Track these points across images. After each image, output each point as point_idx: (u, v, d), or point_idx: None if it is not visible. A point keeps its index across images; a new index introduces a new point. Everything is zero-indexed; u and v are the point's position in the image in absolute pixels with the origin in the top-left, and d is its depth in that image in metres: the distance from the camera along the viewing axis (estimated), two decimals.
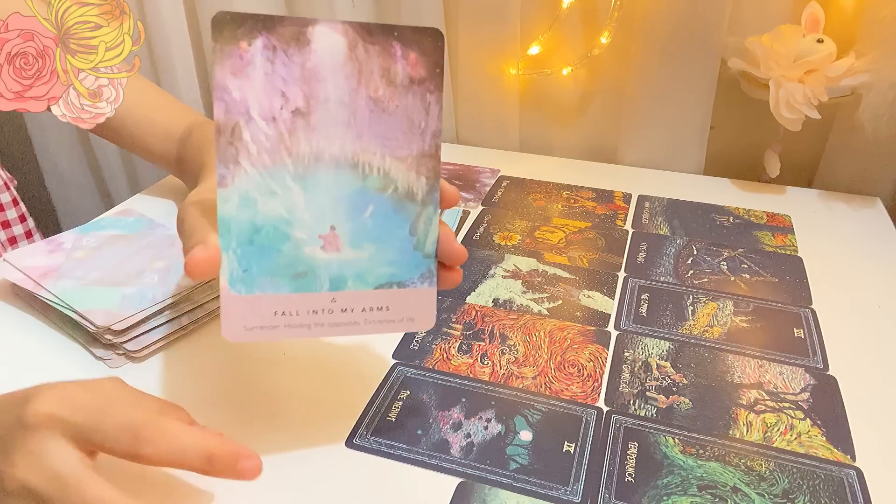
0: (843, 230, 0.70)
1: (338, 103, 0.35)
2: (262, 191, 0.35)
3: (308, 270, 0.36)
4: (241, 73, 0.33)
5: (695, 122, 0.79)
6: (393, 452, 0.42)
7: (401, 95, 0.36)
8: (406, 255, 0.38)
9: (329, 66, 0.35)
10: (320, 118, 0.35)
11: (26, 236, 0.79)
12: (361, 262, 0.37)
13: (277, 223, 0.35)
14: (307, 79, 0.34)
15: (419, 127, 0.37)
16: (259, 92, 0.34)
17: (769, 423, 0.45)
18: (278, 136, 0.35)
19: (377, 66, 0.35)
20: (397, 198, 0.37)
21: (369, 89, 0.35)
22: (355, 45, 0.35)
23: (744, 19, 0.74)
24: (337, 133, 0.35)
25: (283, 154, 0.35)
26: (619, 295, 0.58)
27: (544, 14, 0.81)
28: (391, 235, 0.37)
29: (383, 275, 0.38)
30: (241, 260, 0.35)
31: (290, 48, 0.34)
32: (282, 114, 0.34)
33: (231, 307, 0.35)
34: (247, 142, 0.34)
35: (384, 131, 0.36)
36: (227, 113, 0.34)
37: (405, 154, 0.37)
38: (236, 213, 0.35)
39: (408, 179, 0.37)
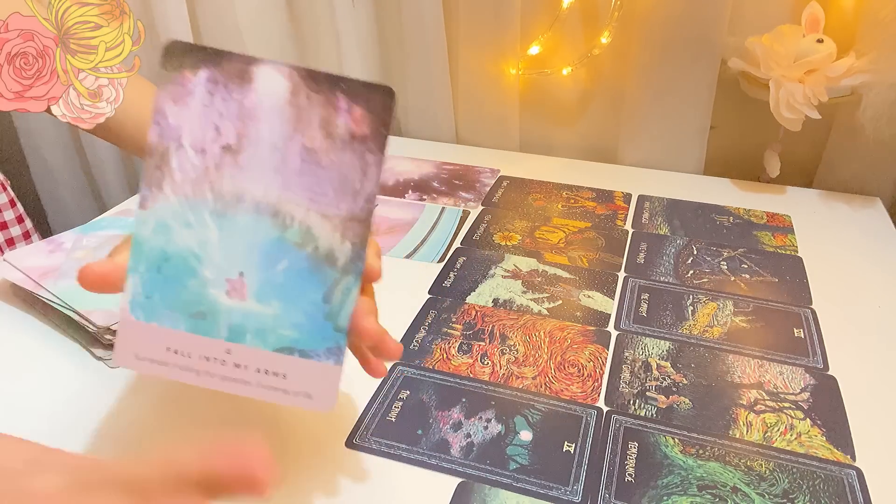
0: (843, 230, 0.69)
1: (270, 147, 0.34)
2: (179, 220, 0.34)
3: (209, 312, 0.35)
4: (180, 100, 0.33)
5: (695, 122, 0.79)
6: (393, 452, 0.42)
7: (338, 150, 0.34)
8: (315, 322, 0.35)
9: (267, 108, 0.34)
10: (249, 158, 0.34)
11: (24, 237, 0.79)
12: (265, 317, 0.35)
13: (187, 256, 0.34)
14: (243, 117, 0.34)
15: (353, 187, 0.35)
16: (194, 122, 0.34)
17: (769, 423, 0.45)
18: (204, 169, 0.34)
19: (317, 116, 0.34)
20: (316, 258, 0.35)
21: (304, 138, 0.34)
22: (298, 91, 0.34)
23: (744, 19, 0.74)
24: (263, 177, 0.34)
25: (206, 188, 0.34)
26: (619, 295, 0.58)
27: (544, 14, 0.81)
28: (302, 297, 0.35)
29: (286, 337, 0.35)
30: (146, 285, 0.34)
31: (231, 83, 0.34)
32: (212, 147, 0.34)
33: (127, 331, 0.34)
34: (174, 169, 0.34)
35: (314, 184, 0.34)
36: (160, 137, 0.33)
37: (333, 213, 0.35)
38: (150, 237, 0.34)
39: (331, 241, 0.35)
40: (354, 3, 0.84)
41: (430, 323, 0.54)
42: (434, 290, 0.59)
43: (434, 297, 0.58)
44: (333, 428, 0.44)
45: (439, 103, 0.87)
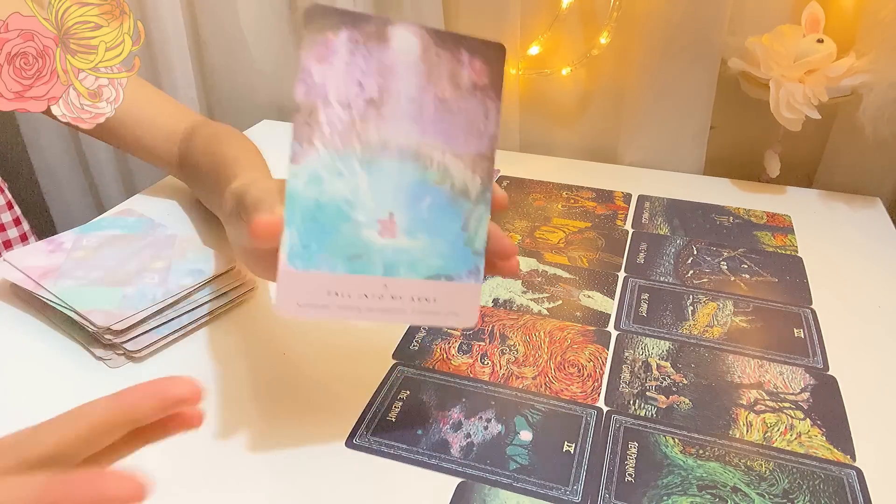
0: (843, 230, 0.69)
1: (408, 98, 0.37)
2: (330, 171, 0.36)
3: (364, 253, 0.37)
4: (324, 60, 0.35)
5: (695, 122, 0.79)
6: (393, 452, 0.42)
7: (464, 99, 0.38)
8: (457, 249, 0.39)
9: (403, 64, 0.37)
10: (391, 110, 0.37)
11: (21, 239, 0.79)
12: (415, 251, 0.38)
13: (340, 203, 0.37)
14: (383, 72, 0.37)
15: (478, 129, 0.39)
16: (339, 79, 0.36)
17: (769, 423, 0.45)
18: (351, 122, 0.36)
19: (446, 69, 0.38)
20: (453, 193, 0.39)
21: (437, 89, 0.38)
22: (428, 48, 0.37)
23: (744, 19, 0.74)
24: (404, 125, 0.37)
25: (354, 139, 0.36)
26: (619, 295, 0.58)
27: (544, 14, 0.81)
28: (445, 229, 0.39)
29: (434, 266, 0.39)
30: (302, 235, 0.36)
31: (370, 43, 0.36)
32: (357, 101, 0.36)
33: (287, 282, 0.36)
34: (322, 123, 0.36)
35: (447, 129, 0.38)
36: (307, 95, 0.35)
37: (464, 152, 0.39)
38: (303, 190, 0.36)
39: (464, 177, 0.39)
40: (355, 4, 0.85)
41: None
42: None
43: None
44: (333, 428, 0.44)
45: None
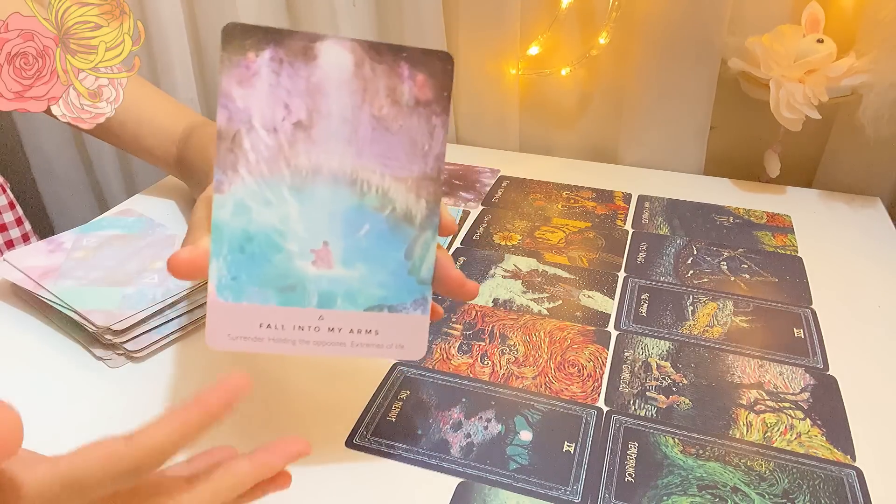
0: (843, 230, 0.69)
1: (340, 119, 0.35)
2: (258, 200, 0.35)
3: (297, 284, 0.36)
4: (246, 83, 0.34)
5: (695, 122, 0.79)
6: (393, 452, 0.42)
7: (405, 116, 0.36)
8: (400, 278, 0.37)
9: (334, 82, 0.35)
10: (321, 132, 0.35)
11: (23, 239, 0.79)
12: (352, 281, 0.36)
13: (270, 233, 0.35)
14: (311, 92, 0.35)
15: (422, 149, 0.36)
16: (263, 102, 0.34)
17: (769, 423, 0.45)
18: (278, 147, 0.35)
19: (383, 85, 0.35)
20: (395, 219, 0.36)
21: (373, 107, 0.35)
22: (362, 62, 0.35)
23: (744, 19, 0.74)
24: (337, 148, 0.35)
25: (282, 165, 0.35)
26: (619, 295, 0.58)
27: (544, 14, 0.81)
28: (385, 257, 0.37)
29: (374, 296, 0.37)
30: (231, 267, 0.35)
31: (296, 61, 0.34)
32: (283, 125, 0.35)
33: (217, 314, 0.35)
34: (246, 150, 0.34)
35: (385, 150, 0.36)
36: (230, 121, 0.34)
37: (405, 175, 0.36)
38: (230, 220, 0.34)
39: (407, 201, 0.36)
40: (355, 3, 0.84)
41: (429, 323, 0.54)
42: None
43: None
44: (333, 428, 0.44)
45: None
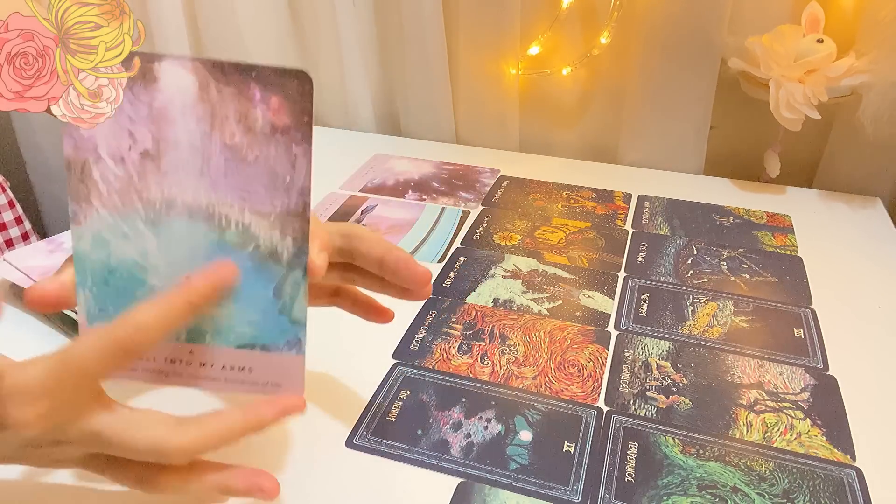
0: (843, 230, 0.69)
1: (190, 148, 0.32)
2: (115, 233, 0.33)
3: None
4: None
5: (695, 122, 0.79)
6: (393, 452, 0.42)
7: (261, 144, 0.33)
8: (270, 317, 0.35)
9: (178, 107, 0.32)
10: (171, 163, 0.33)
11: (23, 238, 0.79)
12: (220, 318, 0.35)
13: (131, 267, 0.34)
14: (155, 119, 0.32)
15: (284, 181, 0.33)
16: (107, 130, 0.32)
17: (769, 423, 0.45)
18: (128, 178, 0.33)
19: (233, 110, 0.32)
20: (259, 256, 0.34)
21: (224, 135, 0.32)
22: (206, 84, 0.32)
23: (744, 19, 0.74)
24: (190, 180, 0.33)
25: (134, 197, 0.33)
26: (619, 295, 0.58)
27: (544, 14, 0.81)
28: (253, 295, 0.35)
29: (244, 335, 0.35)
30: (97, 299, 0.34)
31: (135, 85, 0.32)
32: (130, 155, 0.32)
33: None
34: (97, 181, 0.32)
35: (242, 183, 0.33)
36: (76, 150, 0.32)
37: (267, 210, 0.33)
38: (90, 252, 0.33)
39: (271, 238, 0.34)
40: (355, 3, 0.85)
41: (430, 323, 0.54)
42: (434, 290, 0.59)
43: (434, 296, 0.58)
44: (333, 428, 0.44)
45: (439, 103, 0.87)
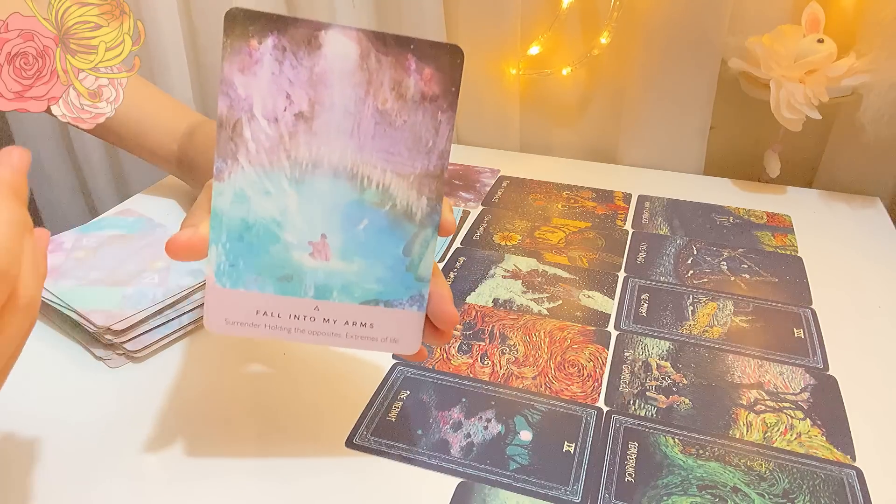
0: (843, 230, 0.69)
1: (343, 111, 0.34)
2: (257, 189, 0.35)
3: (294, 275, 0.36)
4: (248, 70, 0.33)
5: (695, 122, 0.79)
6: (393, 452, 0.42)
7: (410, 111, 0.35)
8: (397, 274, 0.37)
9: (338, 73, 0.34)
10: (323, 124, 0.34)
11: None
12: (349, 274, 0.36)
13: (268, 223, 0.35)
14: (314, 83, 0.34)
15: (426, 145, 0.35)
16: (264, 91, 0.34)
17: (769, 423, 0.45)
18: (279, 138, 0.34)
19: (388, 78, 0.34)
20: (395, 215, 0.36)
21: (377, 101, 0.35)
22: (368, 54, 0.34)
23: (744, 19, 0.74)
24: (339, 141, 0.35)
25: (282, 156, 0.35)
26: (619, 295, 0.58)
27: (544, 14, 0.81)
28: (384, 252, 0.36)
29: (370, 291, 0.37)
30: (229, 254, 0.35)
31: (300, 51, 0.33)
32: (285, 115, 0.34)
33: (215, 299, 0.35)
34: (247, 139, 0.34)
35: (388, 145, 0.35)
36: (231, 109, 0.34)
37: (408, 171, 0.36)
38: (229, 208, 0.35)
39: (408, 198, 0.36)
40: (354, 4, 0.85)
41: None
42: None
43: None
44: (333, 428, 0.44)
45: None
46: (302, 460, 0.42)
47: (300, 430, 0.44)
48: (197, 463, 0.41)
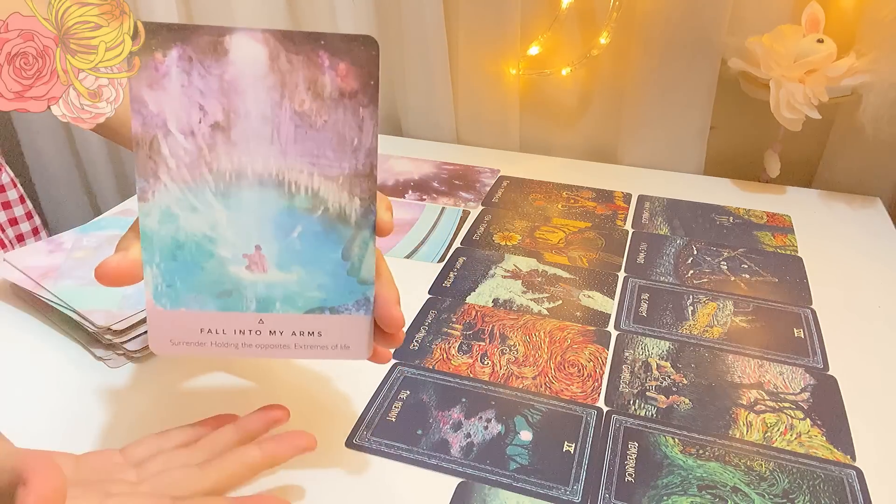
0: (843, 230, 0.69)
1: (260, 118, 0.33)
2: (183, 206, 0.34)
3: (233, 289, 0.35)
4: (157, 84, 0.33)
5: (695, 122, 0.79)
6: (393, 452, 0.42)
7: (330, 110, 0.34)
8: (339, 279, 0.36)
9: (249, 78, 0.33)
10: (241, 133, 0.33)
11: (33, 233, 0.80)
12: (290, 284, 0.36)
13: (200, 240, 0.34)
14: (226, 91, 0.33)
15: (351, 144, 0.34)
16: (176, 105, 0.33)
17: (769, 423, 0.45)
18: (198, 151, 0.33)
19: (302, 78, 0.33)
20: (328, 219, 0.35)
21: (294, 103, 0.33)
22: (277, 55, 0.33)
23: (744, 19, 0.74)
24: (260, 149, 0.34)
25: (204, 169, 0.34)
26: (619, 295, 0.58)
27: (544, 14, 0.81)
28: (322, 258, 0.35)
29: (314, 299, 0.36)
30: (165, 274, 0.34)
31: (206, 59, 0.32)
32: (200, 128, 0.33)
33: (156, 321, 0.35)
34: (165, 156, 0.33)
35: (312, 148, 0.34)
36: (145, 126, 0.33)
37: (336, 173, 0.35)
38: (158, 228, 0.34)
39: (339, 200, 0.35)
40: (354, 3, 0.84)
41: (430, 323, 0.54)
42: (434, 290, 0.59)
43: (434, 297, 0.58)
44: (333, 428, 0.44)
45: (439, 103, 0.87)
46: (302, 460, 0.42)
47: (300, 429, 0.44)
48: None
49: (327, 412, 0.45)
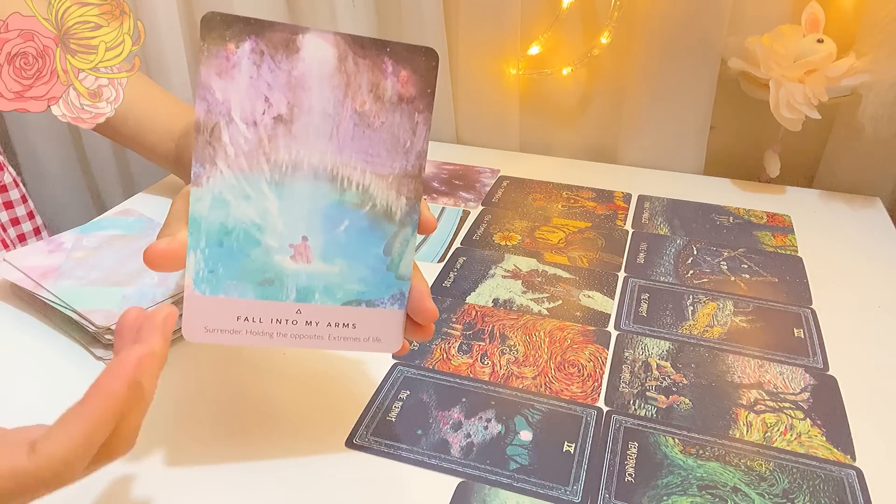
0: (843, 230, 0.70)
1: (321, 114, 0.35)
2: (236, 194, 0.35)
3: (275, 278, 0.36)
4: (226, 74, 0.33)
5: (695, 122, 0.79)
6: (393, 452, 0.42)
7: (387, 112, 0.36)
8: (378, 274, 0.37)
9: (316, 76, 0.34)
10: (302, 127, 0.35)
11: (35, 233, 0.80)
12: (331, 276, 0.37)
13: (248, 228, 0.35)
14: (292, 86, 0.34)
15: (404, 146, 0.36)
16: (242, 95, 0.34)
17: (769, 423, 0.45)
18: (257, 141, 0.34)
19: (366, 81, 0.35)
20: (374, 215, 0.37)
21: (355, 103, 0.35)
22: (345, 57, 0.35)
23: (744, 19, 0.74)
24: (318, 144, 0.35)
25: (261, 159, 0.35)
26: (619, 295, 0.58)
27: (544, 14, 0.81)
28: (364, 253, 0.37)
29: (352, 291, 0.37)
30: (208, 260, 0.35)
31: (278, 54, 0.34)
32: (263, 119, 0.34)
33: (193, 306, 0.35)
34: (225, 143, 0.34)
35: (367, 147, 0.36)
36: (208, 113, 0.34)
37: (387, 172, 0.36)
38: (207, 213, 0.34)
39: (387, 198, 0.37)
40: (354, 3, 0.84)
41: None
42: (434, 290, 0.59)
43: (434, 296, 0.58)
44: (333, 428, 0.44)
45: (439, 103, 0.87)
46: (302, 460, 0.42)
47: (300, 430, 0.44)
48: (197, 463, 0.41)
49: (327, 412, 0.45)
